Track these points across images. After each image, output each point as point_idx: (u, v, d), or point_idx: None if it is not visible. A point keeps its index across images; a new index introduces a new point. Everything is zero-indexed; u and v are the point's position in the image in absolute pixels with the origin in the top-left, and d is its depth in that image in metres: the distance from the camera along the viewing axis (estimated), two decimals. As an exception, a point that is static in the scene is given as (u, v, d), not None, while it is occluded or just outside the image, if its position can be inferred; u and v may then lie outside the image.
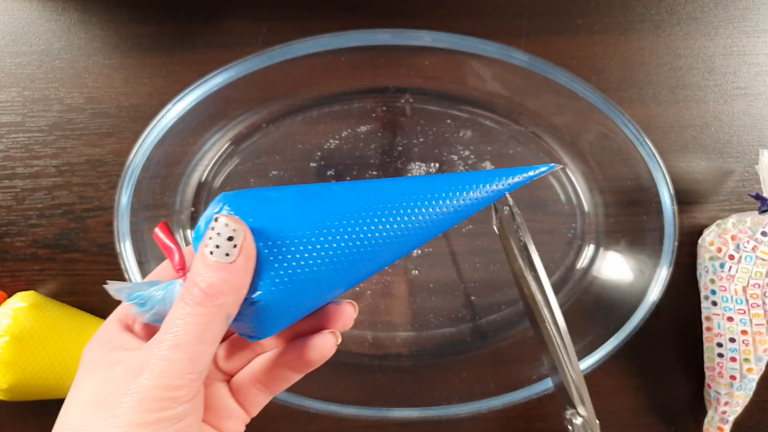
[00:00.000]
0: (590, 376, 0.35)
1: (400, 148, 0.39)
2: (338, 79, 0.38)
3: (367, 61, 0.37)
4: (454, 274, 0.39)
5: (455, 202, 0.23)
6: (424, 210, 0.22)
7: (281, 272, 0.19)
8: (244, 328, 0.20)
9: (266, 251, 0.19)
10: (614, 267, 0.39)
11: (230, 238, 0.18)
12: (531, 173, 0.26)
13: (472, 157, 0.39)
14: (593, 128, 0.37)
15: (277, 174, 0.39)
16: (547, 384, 0.35)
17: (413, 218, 0.22)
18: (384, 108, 0.39)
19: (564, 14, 0.41)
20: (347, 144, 0.39)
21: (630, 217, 0.38)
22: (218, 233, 0.18)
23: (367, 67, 0.37)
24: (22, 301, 0.35)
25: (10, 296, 0.37)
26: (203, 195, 0.39)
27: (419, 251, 0.39)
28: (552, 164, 0.27)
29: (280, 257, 0.19)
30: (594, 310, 0.38)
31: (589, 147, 0.39)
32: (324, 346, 0.22)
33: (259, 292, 0.19)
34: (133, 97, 0.39)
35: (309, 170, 0.39)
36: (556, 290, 0.39)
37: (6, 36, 0.40)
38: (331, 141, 0.39)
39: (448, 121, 0.39)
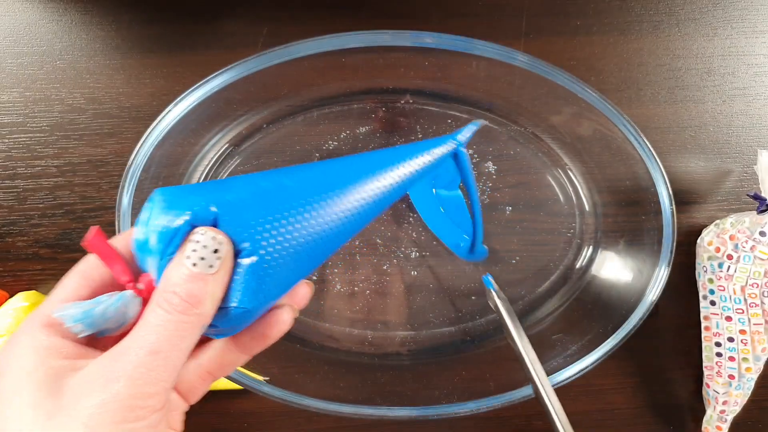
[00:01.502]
0: (589, 375, 0.35)
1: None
2: (338, 80, 0.38)
3: (368, 62, 0.37)
4: (453, 274, 0.39)
5: (397, 177, 0.24)
6: (371, 186, 0.23)
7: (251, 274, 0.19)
8: (211, 329, 0.20)
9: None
10: (613, 267, 0.39)
11: (216, 251, 0.18)
12: (466, 133, 0.29)
13: (475, 156, 0.39)
14: (592, 128, 0.37)
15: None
16: (547, 383, 0.35)
17: (365, 194, 0.23)
18: (384, 109, 0.39)
19: (563, 15, 0.41)
20: (346, 145, 0.39)
21: (629, 217, 0.38)
22: (204, 246, 0.18)
23: (367, 67, 0.38)
24: (23, 300, 0.35)
25: (11, 296, 0.37)
26: (204, 195, 0.39)
27: (418, 252, 0.39)
28: (477, 121, 0.29)
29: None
30: (593, 309, 0.38)
31: (588, 147, 0.39)
32: (284, 320, 0.22)
33: (234, 304, 0.19)
34: (134, 98, 0.40)
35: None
36: (555, 290, 0.40)
37: (7, 37, 0.40)
38: (330, 142, 0.39)
39: (449, 121, 0.39)
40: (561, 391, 0.35)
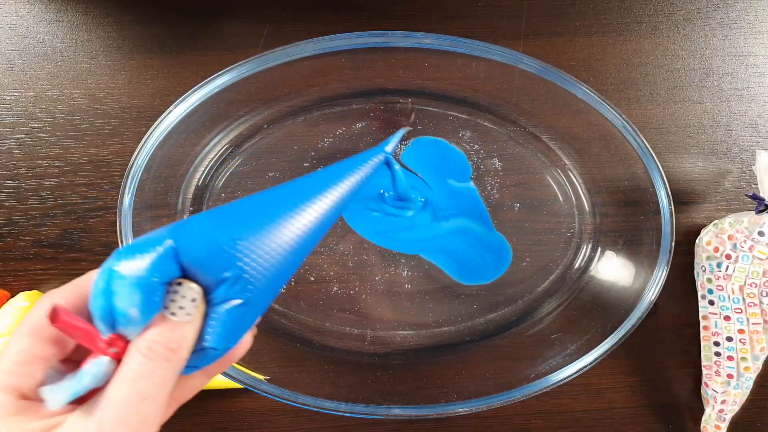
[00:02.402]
0: (588, 375, 0.36)
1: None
2: (338, 81, 0.38)
3: (367, 63, 0.37)
4: (453, 274, 0.39)
5: (341, 191, 0.26)
6: (319, 205, 0.24)
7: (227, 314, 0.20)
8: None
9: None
10: (612, 266, 0.39)
11: (193, 300, 0.19)
12: (395, 140, 0.33)
13: (481, 152, 0.40)
14: (591, 129, 0.38)
15: (274, 176, 0.39)
16: (545, 382, 0.35)
17: (316, 214, 0.24)
18: (382, 108, 0.39)
19: (562, 16, 0.41)
20: (342, 142, 0.39)
21: (628, 217, 0.39)
22: (183, 296, 0.19)
23: (367, 68, 0.38)
24: (25, 300, 0.35)
25: (13, 296, 0.37)
26: (205, 195, 0.39)
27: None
28: (401, 129, 0.34)
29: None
30: (592, 309, 0.38)
31: (587, 147, 0.39)
32: (246, 342, 0.23)
33: (209, 345, 0.20)
34: (135, 98, 0.40)
35: (303, 170, 0.39)
36: (555, 289, 0.40)
37: (9, 37, 0.40)
38: (326, 140, 0.39)
39: (450, 119, 0.40)
40: (560, 390, 0.36)
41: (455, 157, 0.39)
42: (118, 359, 0.19)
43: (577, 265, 0.40)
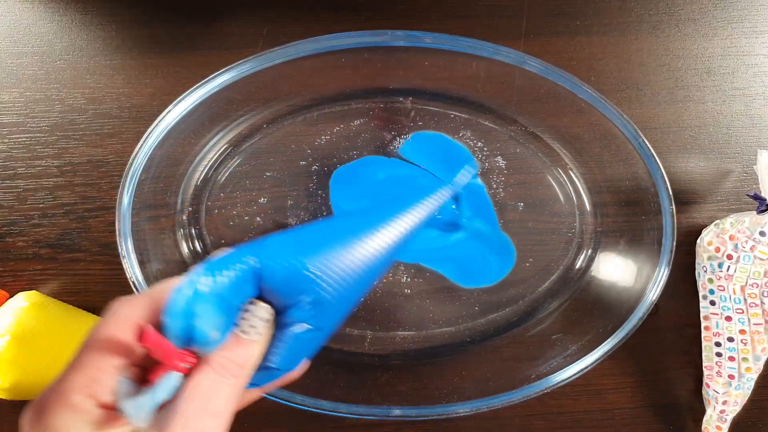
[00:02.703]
0: (589, 375, 0.35)
1: (395, 141, 0.39)
2: (338, 80, 0.38)
3: (367, 62, 0.37)
4: (453, 274, 0.39)
5: (411, 221, 0.28)
6: (391, 235, 0.25)
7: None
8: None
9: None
10: (613, 267, 0.39)
11: (265, 320, 0.20)
12: (466, 174, 0.37)
13: (485, 149, 0.39)
14: (592, 129, 0.38)
15: (272, 175, 0.39)
16: (547, 383, 0.35)
17: (387, 244, 0.25)
18: (382, 106, 0.39)
19: (562, 15, 0.41)
20: (339, 139, 0.39)
21: (629, 217, 0.38)
22: (255, 315, 0.20)
23: (367, 68, 0.38)
24: (23, 300, 0.35)
25: (12, 296, 0.37)
26: (204, 195, 0.39)
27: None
28: (471, 166, 0.37)
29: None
30: (593, 309, 0.38)
31: (588, 147, 0.39)
32: (305, 363, 0.23)
33: (274, 366, 0.21)
34: (134, 98, 0.40)
35: (300, 169, 0.39)
36: (556, 290, 0.40)
37: (7, 37, 0.40)
38: (323, 137, 0.39)
39: (452, 116, 0.40)
40: (561, 390, 0.35)
41: (459, 152, 0.39)
42: (186, 373, 0.20)
43: (578, 266, 0.40)
